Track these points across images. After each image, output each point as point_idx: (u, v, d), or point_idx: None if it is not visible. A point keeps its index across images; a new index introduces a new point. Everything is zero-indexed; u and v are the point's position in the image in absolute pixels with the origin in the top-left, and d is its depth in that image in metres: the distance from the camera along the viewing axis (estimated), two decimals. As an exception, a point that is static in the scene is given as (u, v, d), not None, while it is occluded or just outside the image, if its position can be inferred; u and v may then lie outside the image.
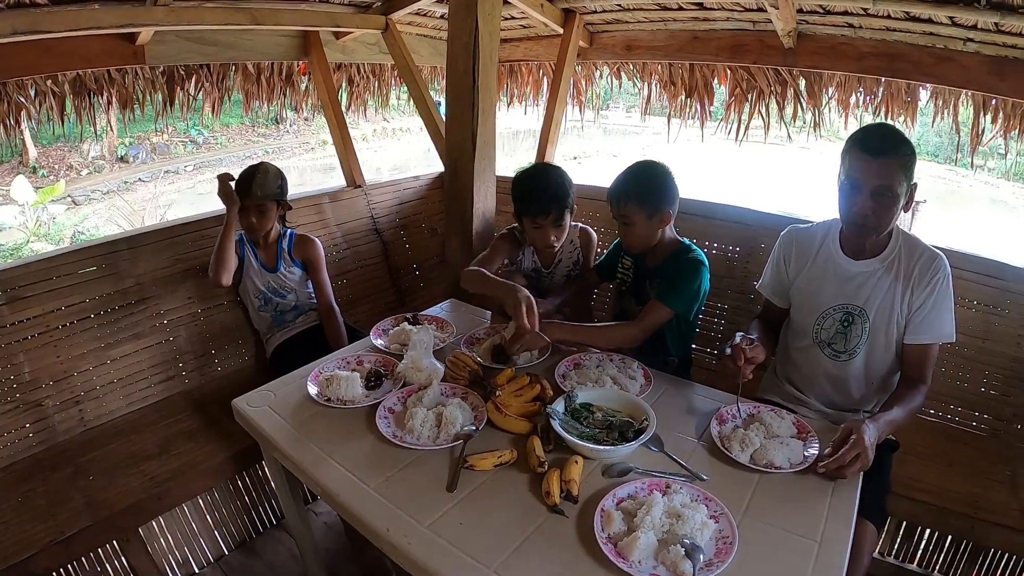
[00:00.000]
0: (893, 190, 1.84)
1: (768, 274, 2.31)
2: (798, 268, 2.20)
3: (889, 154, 1.82)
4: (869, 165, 1.84)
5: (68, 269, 2.71)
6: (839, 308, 2.08)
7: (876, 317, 2.02)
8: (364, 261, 3.85)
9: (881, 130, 1.91)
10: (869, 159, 1.84)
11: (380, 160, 18.11)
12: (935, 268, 1.94)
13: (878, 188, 1.85)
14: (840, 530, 1.50)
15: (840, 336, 2.09)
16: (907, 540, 2.53)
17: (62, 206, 12.12)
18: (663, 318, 2.32)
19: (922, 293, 1.94)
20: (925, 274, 1.94)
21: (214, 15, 3.07)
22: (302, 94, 4.35)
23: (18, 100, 3.19)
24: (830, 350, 2.12)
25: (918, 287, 1.95)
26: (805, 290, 2.17)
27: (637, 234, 2.38)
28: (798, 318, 2.22)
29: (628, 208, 2.32)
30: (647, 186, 2.33)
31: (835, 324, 2.09)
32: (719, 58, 3.67)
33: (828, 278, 2.11)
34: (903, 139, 1.86)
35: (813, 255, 2.16)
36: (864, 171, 1.86)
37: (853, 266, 2.06)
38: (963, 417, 2.70)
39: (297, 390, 2.08)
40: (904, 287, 1.97)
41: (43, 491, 2.32)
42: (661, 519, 1.47)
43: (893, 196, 1.85)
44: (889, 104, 3.46)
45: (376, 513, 1.56)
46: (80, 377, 2.70)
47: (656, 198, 2.31)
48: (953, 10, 2.58)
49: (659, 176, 2.34)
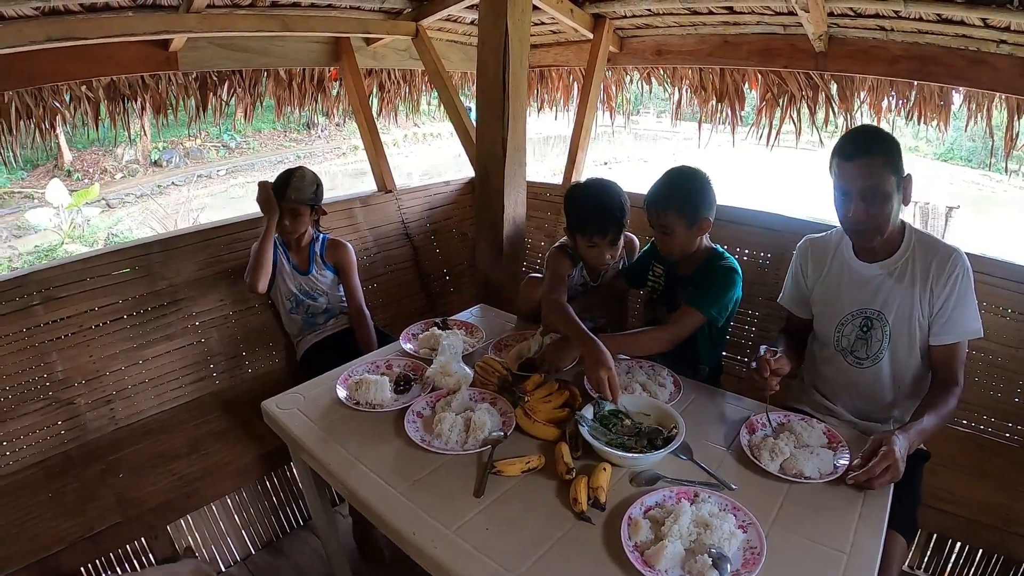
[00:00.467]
0: (881, 188, 1.82)
1: (788, 286, 2.30)
2: (815, 277, 2.18)
3: (867, 154, 1.82)
4: (850, 169, 1.84)
5: (102, 271, 2.76)
6: (857, 313, 2.06)
7: (895, 320, 1.98)
8: (394, 265, 3.87)
9: (856, 133, 1.93)
10: (848, 163, 1.84)
11: (411, 165, 18.20)
12: (953, 264, 1.90)
13: (864, 189, 1.84)
14: (870, 542, 1.47)
15: (861, 342, 2.06)
16: (937, 553, 2.48)
17: (96, 209, 12.32)
18: (695, 324, 2.27)
19: (942, 291, 1.91)
20: (943, 271, 1.90)
21: (246, 22, 3.11)
22: (333, 100, 4.40)
23: (53, 105, 3.26)
24: (853, 358, 2.09)
25: (937, 285, 1.91)
26: (823, 298, 2.16)
27: (678, 243, 2.32)
28: (819, 327, 2.20)
29: (668, 217, 2.27)
30: (687, 194, 2.28)
31: (855, 330, 2.07)
32: (749, 62, 3.64)
33: (844, 284, 2.09)
34: (880, 137, 1.86)
35: (828, 262, 2.15)
36: (847, 176, 1.86)
37: (867, 269, 2.03)
38: (995, 428, 2.63)
39: (326, 393, 2.10)
40: (922, 287, 1.93)
41: (74, 488, 2.36)
42: (689, 528, 1.46)
43: (883, 194, 1.83)
44: (922, 108, 3.41)
45: (402, 516, 1.57)
46: (112, 376, 2.74)
47: (696, 206, 2.27)
48: (986, 12, 2.54)
49: (699, 183, 2.29)
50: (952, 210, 10.35)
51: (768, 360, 1.88)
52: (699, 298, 2.27)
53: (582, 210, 2.48)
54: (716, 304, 2.27)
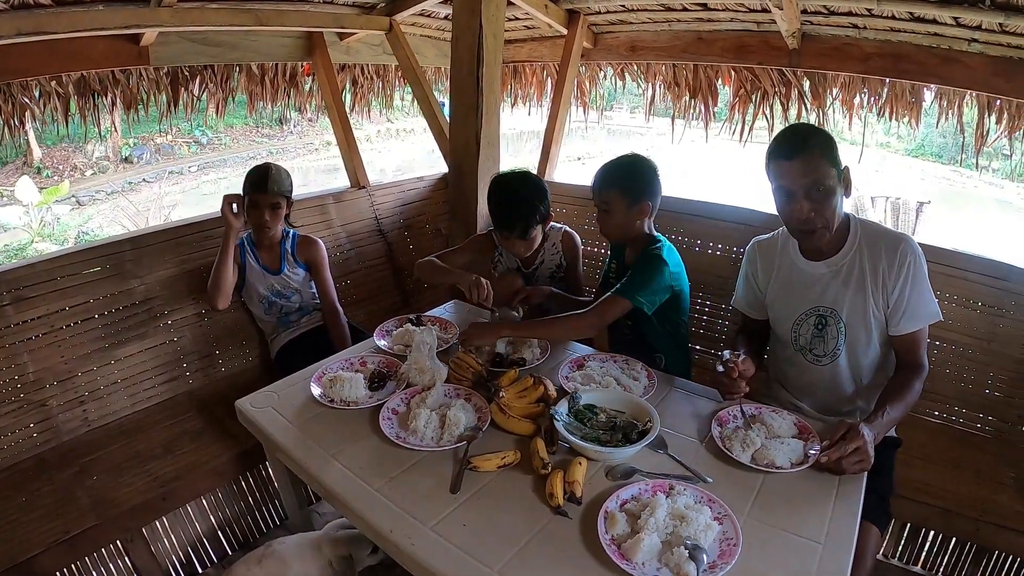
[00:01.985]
0: (823, 183, 1.82)
1: (740, 289, 2.31)
2: (765, 279, 2.19)
3: (804, 151, 1.82)
4: (790, 168, 1.84)
5: (72, 269, 2.72)
6: (811, 312, 2.07)
7: (849, 315, 1.99)
8: (368, 262, 3.85)
9: (790, 132, 1.93)
10: (786, 162, 1.84)
11: (384, 161, 18.11)
12: (903, 253, 1.89)
13: (807, 186, 1.83)
14: (844, 532, 1.49)
15: (818, 340, 2.07)
16: (911, 542, 2.52)
17: (66, 206, 12.13)
18: (619, 310, 2.25)
19: (896, 282, 1.90)
20: (893, 262, 1.90)
21: (218, 16, 3.08)
22: (306, 95, 4.37)
23: (22, 101, 3.21)
24: (812, 355, 2.10)
25: (889, 278, 1.91)
26: (776, 299, 2.17)
27: (615, 222, 2.37)
28: (776, 328, 2.22)
29: (609, 194, 2.33)
30: (630, 175, 2.35)
31: (810, 328, 2.08)
32: (723, 59, 3.67)
33: (794, 284, 2.10)
34: (812, 131, 1.88)
35: (776, 264, 2.15)
36: (788, 176, 1.85)
37: (815, 268, 2.04)
38: (968, 419, 2.68)
39: (301, 391, 2.09)
40: (873, 280, 1.93)
41: (48, 491, 2.32)
42: (665, 521, 1.47)
43: (826, 189, 1.83)
44: (893, 105, 3.47)
45: (379, 514, 1.57)
46: (84, 377, 2.70)
47: (638, 188, 2.32)
48: (958, 11, 2.59)
49: (644, 168, 2.35)
50: (923, 205, 10.47)
51: (736, 363, 1.90)
52: (625, 285, 2.26)
53: (493, 203, 2.61)
54: (642, 290, 2.23)
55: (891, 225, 9.98)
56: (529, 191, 2.58)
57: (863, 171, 12.90)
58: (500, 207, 2.59)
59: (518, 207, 2.54)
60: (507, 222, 2.56)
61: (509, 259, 2.86)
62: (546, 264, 2.83)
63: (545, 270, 2.84)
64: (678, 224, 3.31)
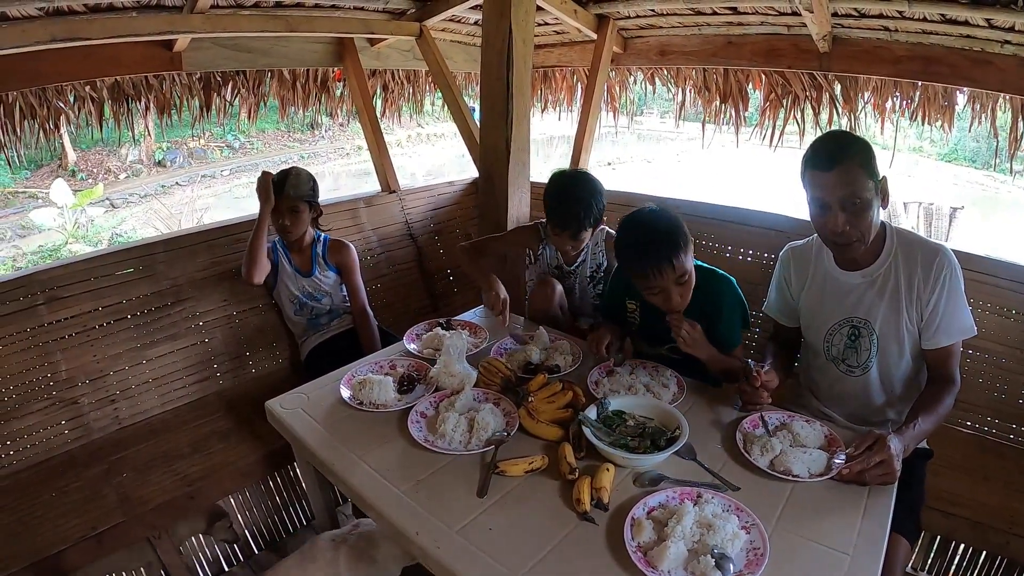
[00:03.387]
0: (860, 195, 1.76)
1: (773, 295, 2.27)
2: (799, 287, 2.15)
3: (842, 161, 1.75)
4: (827, 179, 1.77)
5: (106, 270, 2.76)
6: (844, 322, 2.02)
7: (882, 327, 1.95)
8: (398, 266, 3.87)
9: (828, 140, 1.86)
10: (823, 173, 1.78)
11: (415, 165, 18.19)
12: (939, 265, 1.85)
13: (843, 198, 1.77)
14: (873, 544, 1.47)
15: (851, 351, 2.03)
16: (941, 555, 2.47)
17: (100, 209, 12.34)
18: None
19: (931, 295, 1.86)
20: (929, 274, 1.86)
21: (250, 22, 3.11)
22: (337, 100, 4.41)
23: (57, 105, 3.27)
24: (844, 366, 2.07)
25: (924, 290, 1.87)
26: (809, 308, 2.13)
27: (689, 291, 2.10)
28: (809, 336, 2.18)
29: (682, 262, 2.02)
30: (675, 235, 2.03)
31: (843, 339, 2.04)
32: (753, 63, 3.64)
33: (828, 293, 2.06)
34: (851, 141, 1.81)
35: (811, 272, 2.11)
36: (824, 187, 1.79)
37: (849, 278, 1.99)
38: (1000, 430, 2.61)
39: (330, 393, 2.10)
40: (908, 292, 1.89)
41: (77, 487, 2.36)
42: (692, 529, 1.46)
43: (863, 202, 1.77)
44: (926, 108, 3.41)
45: (406, 517, 1.57)
46: (116, 376, 2.74)
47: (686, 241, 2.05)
48: (990, 12, 2.54)
49: (672, 219, 2.08)
50: (956, 211, 10.32)
51: (759, 373, 1.88)
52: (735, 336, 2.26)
53: (552, 199, 2.59)
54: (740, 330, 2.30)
55: (924, 231, 9.85)
56: (587, 191, 2.55)
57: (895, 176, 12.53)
58: (558, 204, 2.56)
59: (575, 206, 2.51)
60: (563, 220, 2.54)
61: (552, 254, 2.84)
62: (588, 263, 2.82)
63: (587, 268, 2.83)
64: (708, 230, 3.28)
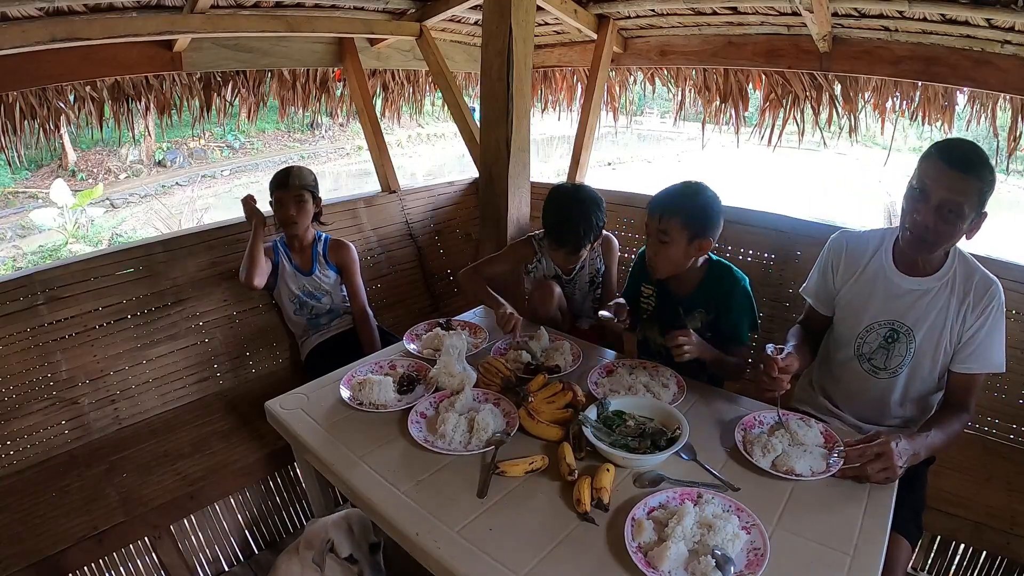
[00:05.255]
0: (960, 208, 1.73)
1: (813, 279, 2.22)
2: (846, 277, 2.11)
3: (968, 171, 1.71)
4: (944, 175, 1.73)
5: (106, 270, 2.77)
6: (885, 324, 2.01)
7: (923, 339, 1.94)
8: (398, 266, 3.88)
9: (967, 146, 1.79)
10: (946, 169, 1.73)
11: (415, 165, 18.21)
12: (991, 295, 1.86)
13: (945, 201, 1.74)
14: (873, 544, 1.47)
15: (882, 352, 2.02)
16: (941, 555, 2.47)
17: (100, 209, 12.34)
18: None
19: (975, 320, 1.87)
20: (980, 300, 1.86)
21: (250, 22, 3.11)
22: (337, 100, 4.41)
23: (57, 105, 3.27)
24: (869, 365, 2.06)
25: (971, 313, 1.87)
26: (851, 301, 2.10)
27: (670, 256, 2.20)
28: (841, 328, 2.15)
29: (671, 223, 2.13)
30: (698, 207, 2.16)
31: (879, 339, 2.03)
32: (753, 63, 3.64)
33: (877, 291, 2.03)
34: (987, 162, 1.75)
35: (863, 265, 2.08)
36: (936, 180, 1.75)
37: (905, 282, 1.97)
38: (1001, 430, 2.62)
39: (330, 393, 2.10)
40: (956, 312, 1.89)
41: (78, 487, 2.37)
42: (692, 529, 1.46)
43: (959, 215, 1.74)
44: (926, 108, 3.41)
45: (406, 517, 1.57)
46: (116, 376, 2.75)
47: (703, 221, 2.15)
48: (990, 12, 2.54)
49: (711, 200, 2.18)
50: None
51: (776, 359, 1.84)
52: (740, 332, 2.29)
53: (549, 216, 2.59)
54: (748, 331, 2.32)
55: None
56: (588, 211, 2.53)
57: (895, 177, 12.70)
58: (557, 223, 2.55)
59: (574, 228, 2.51)
60: (560, 236, 2.54)
61: (548, 265, 2.80)
62: (587, 270, 2.81)
63: (585, 275, 2.82)
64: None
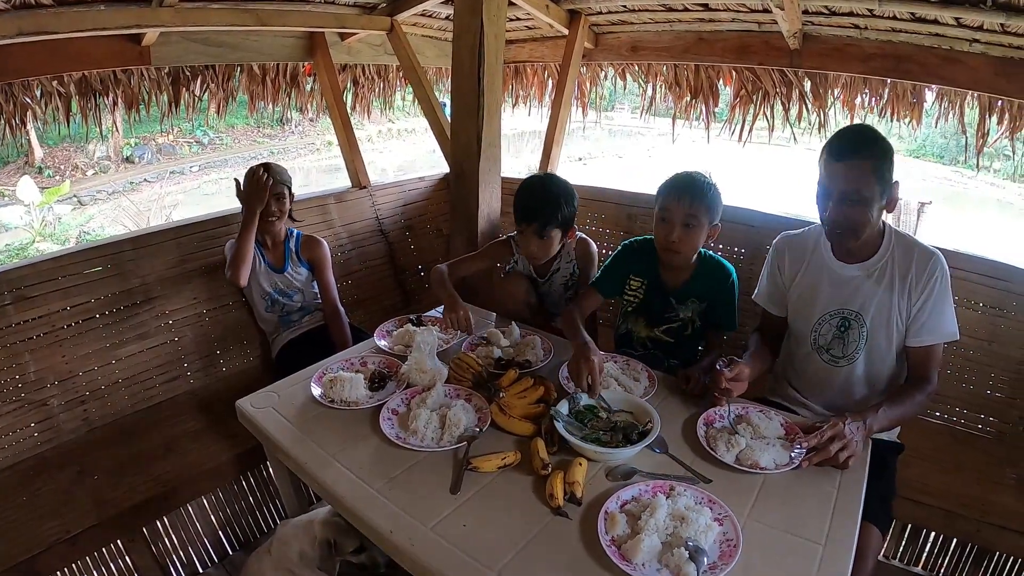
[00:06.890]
0: (860, 194, 1.81)
1: (763, 284, 2.30)
2: (792, 275, 2.18)
3: (852, 157, 1.80)
4: (835, 170, 1.83)
5: (74, 269, 2.72)
6: (835, 313, 2.07)
7: (873, 321, 2.00)
8: (369, 262, 3.86)
9: (849, 133, 1.89)
10: (833, 163, 1.83)
11: (385, 161, 18.16)
12: (932, 267, 1.92)
13: (844, 193, 1.83)
14: (844, 533, 1.49)
15: (838, 341, 2.07)
16: (912, 543, 2.52)
17: (68, 206, 12.18)
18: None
19: (921, 294, 1.93)
20: (922, 274, 1.92)
21: (219, 16, 3.08)
22: (307, 95, 4.37)
23: (24, 101, 3.21)
24: (828, 356, 2.10)
25: (915, 289, 1.93)
26: (800, 296, 2.16)
27: (696, 239, 2.26)
28: (796, 325, 2.21)
29: (700, 207, 2.21)
30: (715, 192, 2.27)
31: (832, 329, 2.08)
32: (724, 59, 3.67)
33: (822, 283, 2.09)
34: (873, 139, 1.83)
35: (806, 261, 2.15)
36: (831, 176, 1.85)
37: (845, 270, 2.04)
38: (969, 420, 2.69)
39: (301, 391, 2.08)
40: (900, 289, 1.95)
41: (49, 490, 2.33)
42: (665, 522, 1.47)
43: (862, 200, 1.82)
44: (895, 105, 3.46)
45: (379, 515, 1.56)
46: (85, 377, 2.70)
47: (719, 207, 2.28)
48: (959, 11, 2.58)
49: (718, 189, 2.29)
50: (924, 205, 10.46)
51: (723, 372, 1.90)
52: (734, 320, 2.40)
53: (519, 195, 2.59)
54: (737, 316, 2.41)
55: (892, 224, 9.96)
56: (558, 190, 2.54)
57: (864, 171, 12.77)
58: (525, 199, 2.56)
59: (543, 202, 2.51)
60: (528, 214, 2.52)
61: (525, 266, 2.80)
62: (561, 272, 2.79)
63: (559, 278, 2.80)
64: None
